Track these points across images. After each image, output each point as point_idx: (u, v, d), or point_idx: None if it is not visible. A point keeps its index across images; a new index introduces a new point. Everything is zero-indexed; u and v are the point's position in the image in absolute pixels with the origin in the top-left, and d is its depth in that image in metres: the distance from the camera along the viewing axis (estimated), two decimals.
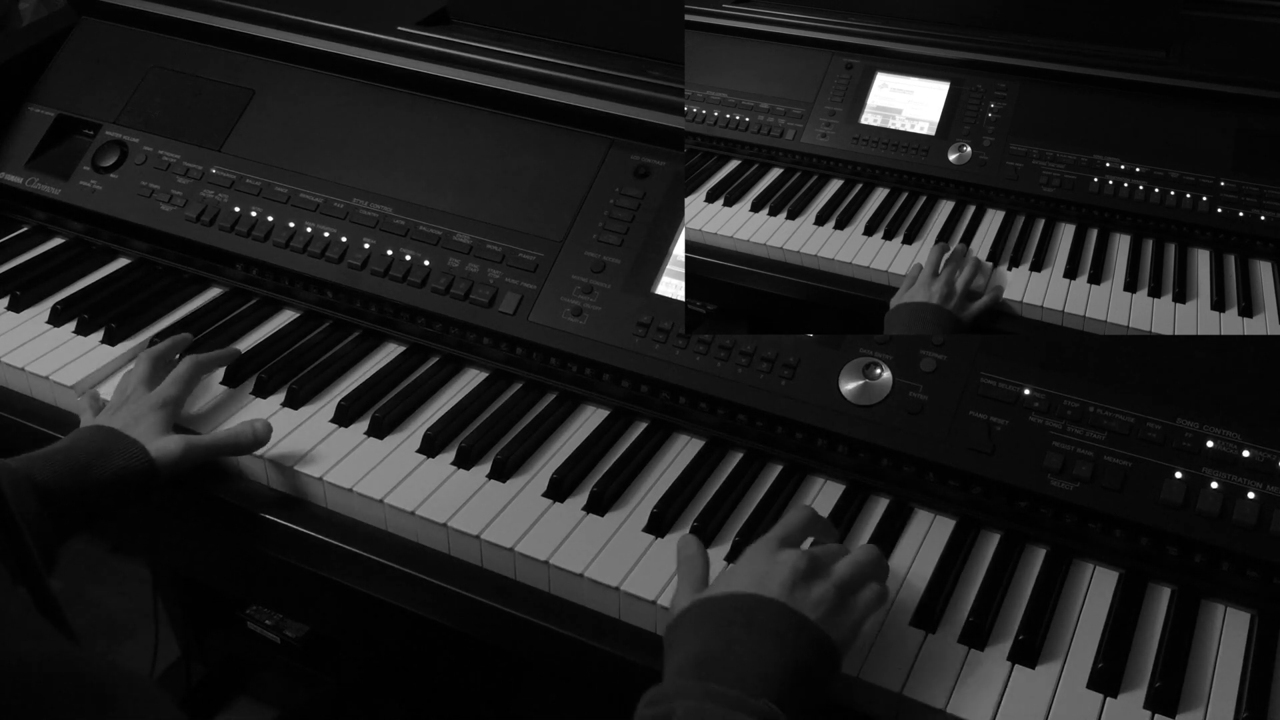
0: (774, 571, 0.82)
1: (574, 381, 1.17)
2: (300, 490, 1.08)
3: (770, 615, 0.79)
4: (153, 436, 1.04)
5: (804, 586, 0.81)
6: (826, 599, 0.81)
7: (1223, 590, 0.96)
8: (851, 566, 0.85)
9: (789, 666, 0.76)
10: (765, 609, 0.79)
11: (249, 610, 1.81)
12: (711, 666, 0.76)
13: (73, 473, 0.97)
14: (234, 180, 1.35)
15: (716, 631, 0.79)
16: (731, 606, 0.80)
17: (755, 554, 0.86)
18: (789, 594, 0.80)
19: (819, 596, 0.81)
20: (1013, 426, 1.01)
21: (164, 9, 1.48)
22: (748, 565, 0.85)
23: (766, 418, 1.08)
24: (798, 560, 0.83)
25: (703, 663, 0.76)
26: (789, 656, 0.77)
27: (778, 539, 0.87)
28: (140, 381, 1.11)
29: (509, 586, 1.00)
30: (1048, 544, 1.01)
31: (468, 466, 1.08)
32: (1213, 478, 0.96)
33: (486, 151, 1.29)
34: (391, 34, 1.39)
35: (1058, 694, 0.88)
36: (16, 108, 1.47)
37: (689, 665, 0.77)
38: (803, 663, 0.77)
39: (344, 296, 1.27)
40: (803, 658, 0.77)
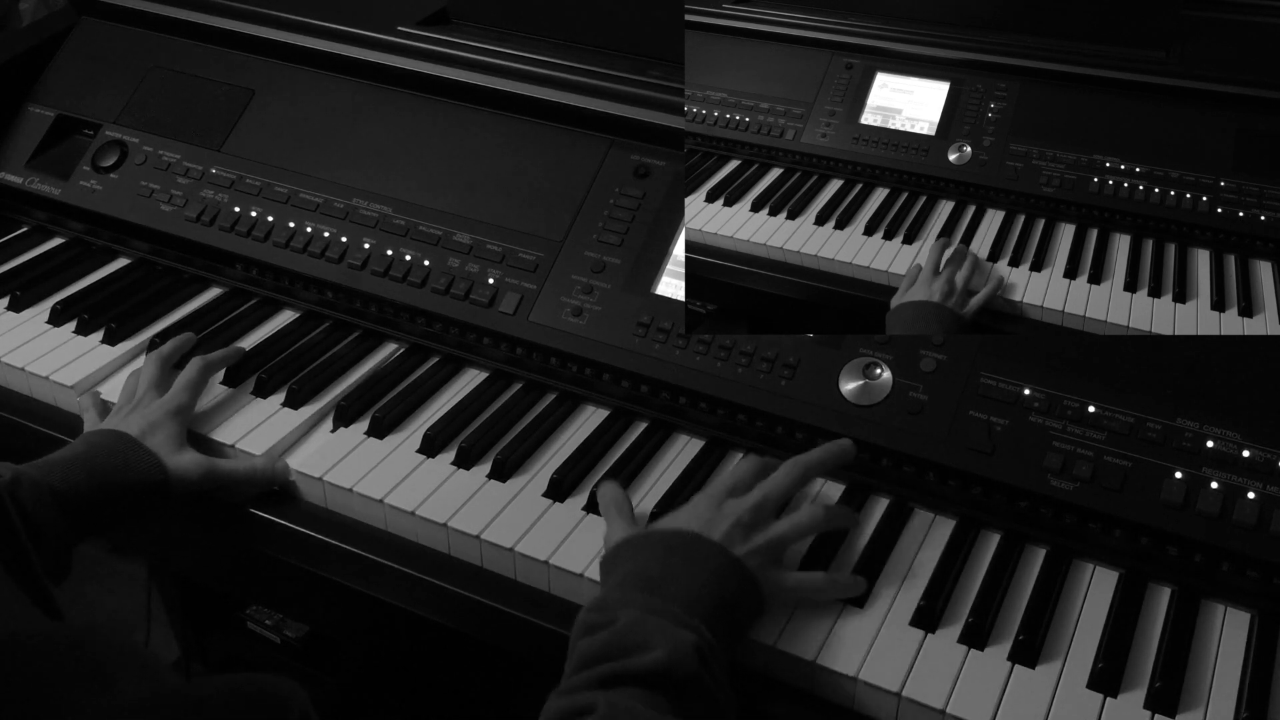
0: (718, 520, 0.91)
1: (574, 381, 1.17)
2: (300, 490, 1.08)
3: (708, 553, 0.87)
4: (170, 450, 1.03)
5: (743, 537, 0.90)
6: (761, 550, 0.90)
7: (1223, 590, 0.96)
8: (790, 527, 0.93)
9: (719, 598, 0.84)
10: (704, 546, 0.88)
11: (249, 610, 1.80)
12: (653, 585, 0.84)
13: (92, 483, 0.97)
14: (234, 180, 1.35)
15: (658, 557, 0.87)
16: (676, 540, 0.89)
17: (704, 500, 0.94)
18: (726, 538, 0.89)
19: (755, 547, 0.90)
20: (1013, 426, 1.01)
21: (164, 9, 1.48)
22: (694, 510, 0.93)
23: (766, 418, 1.08)
24: (742, 514, 0.91)
25: (646, 581, 0.84)
26: (720, 590, 0.85)
27: (726, 489, 0.94)
28: (151, 385, 1.11)
29: (509, 586, 1.00)
30: (1048, 544, 1.01)
31: (468, 466, 1.08)
32: (1213, 478, 0.96)
33: (486, 151, 1.29)
34: (391, 34, 1.39)
35: (1058, 694, 0.88)
36: (16, 108, 1.47)
37: (632, 581, 0.85)
38: (731, 597, 0.85)
39: (344, 296, 1.27)
40: (731, 593, 0.85)
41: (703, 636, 0.80)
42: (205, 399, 1.15)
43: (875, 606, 0.94)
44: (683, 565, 0.86)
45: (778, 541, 0.91)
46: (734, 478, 0.96)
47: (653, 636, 0.78)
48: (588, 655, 0.79)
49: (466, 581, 1.00)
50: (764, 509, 0.92)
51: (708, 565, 0.86)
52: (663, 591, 0.83)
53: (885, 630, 0.92)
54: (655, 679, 0.75)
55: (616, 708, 0.72)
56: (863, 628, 0.92)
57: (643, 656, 0.76)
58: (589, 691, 0.75)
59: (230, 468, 1.06)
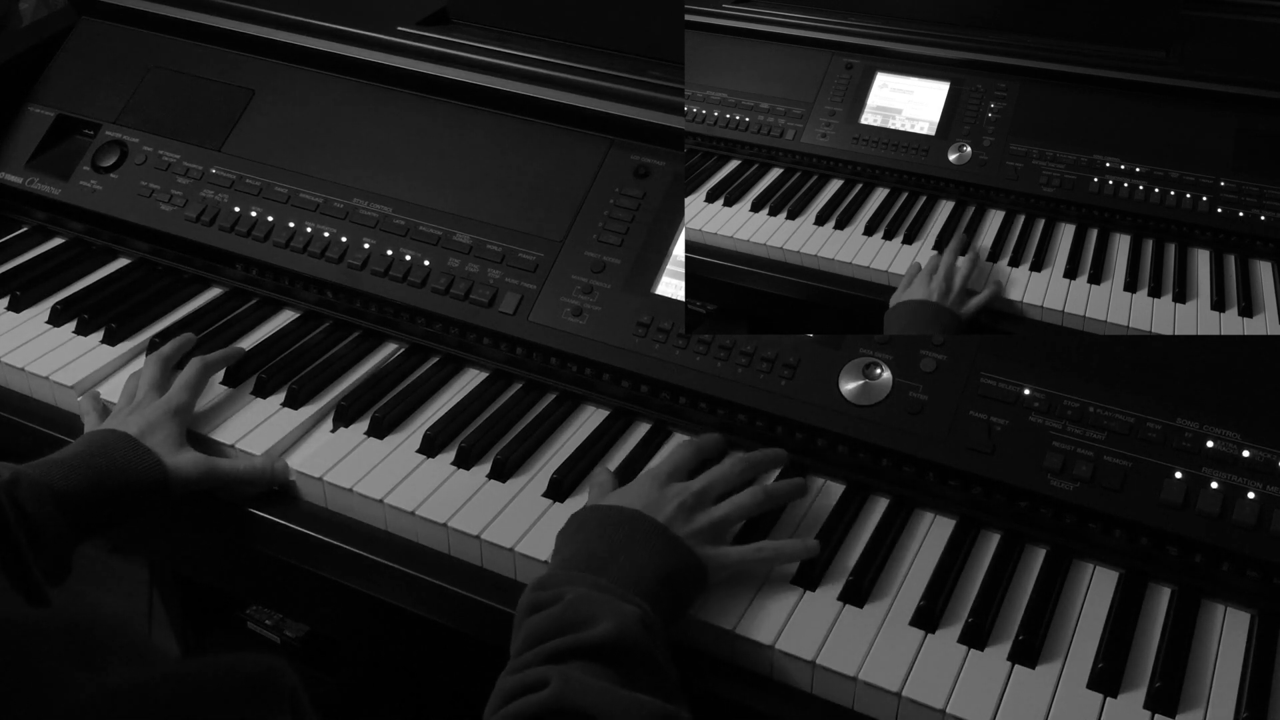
0: (662, 501, 0.94)
1: (574, 381, 1.17)
2: (300, 490, 1.08)
3: (650, 532, 0.90)
4: (170, 450, 1.04)
5: (685, 517, 0.94)
6: (704, 531, 0.94)
7: (1223, 590, 0.96)
8: (732, 508, 0.97)
9: (660, 575, 0.87)
10: (646, 525, 0.91)
11: (249, 610, 1.80)
12: (596, 564, 0.87)
13: (91, 483, 0.97)
14: (234, 180, 1.35)
15: (603, 535, 0.90)
16: (621, 518, 0.92)
17: (649, 480, 0.98)
18: (670, 520, 0.93)
19: (697, 527, 0.93)
20: (1013, 426, 1.01)
21: (164, 9, 1.48)
22: (639, 489, 0.96)
23: (766, 418, 1.08)
24: (685, 497, 0.95)
25: (590, 560, 0.88)
26: (661, 567, 0.88)
27: (667, 472, 0.98)
28: (151, 386, 1.11)
29: (509, 586, 0.99)
30: (1048, 544, 1.01)
31: (468, 466, 1.08)
32: (1213, 478, 0.96)
33: (486, 151, 1.29)
34: (391, 34, 1.39)
35: (1058, 694, 0.88)
36: (16, 108, 1.47)
37: (578, 560, 0.88)
38: (671, 570, 0.88)
39: (344, 296, 1.27)
40: (673, 570, 0.89)
41: (645, 611, 0.82)
42: (205, 399, 1.15)
43: (875, 606, 0.94)
44: (626, 543, 0.89)
45: (720, 521, 0.95)
46: (674, 461, 1.00)
47: (599, 611, 0.80)
48: (535, 632, 0.81)
49: (466, 581, 1.00)
50: (707, 495, 0.97)
51: (650, 544, 0.89)
52: (608, 571, 0.86)
53: (885, 630, 0.92)
54: (604, 651, 0.78)
55: (569, 680, 0.74)
56: (862, 627, 0.92)
57: (591, 630, 0.79)
58: (540, 667, 0.77)
59: (230, 467, 1.06)
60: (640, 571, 0.87)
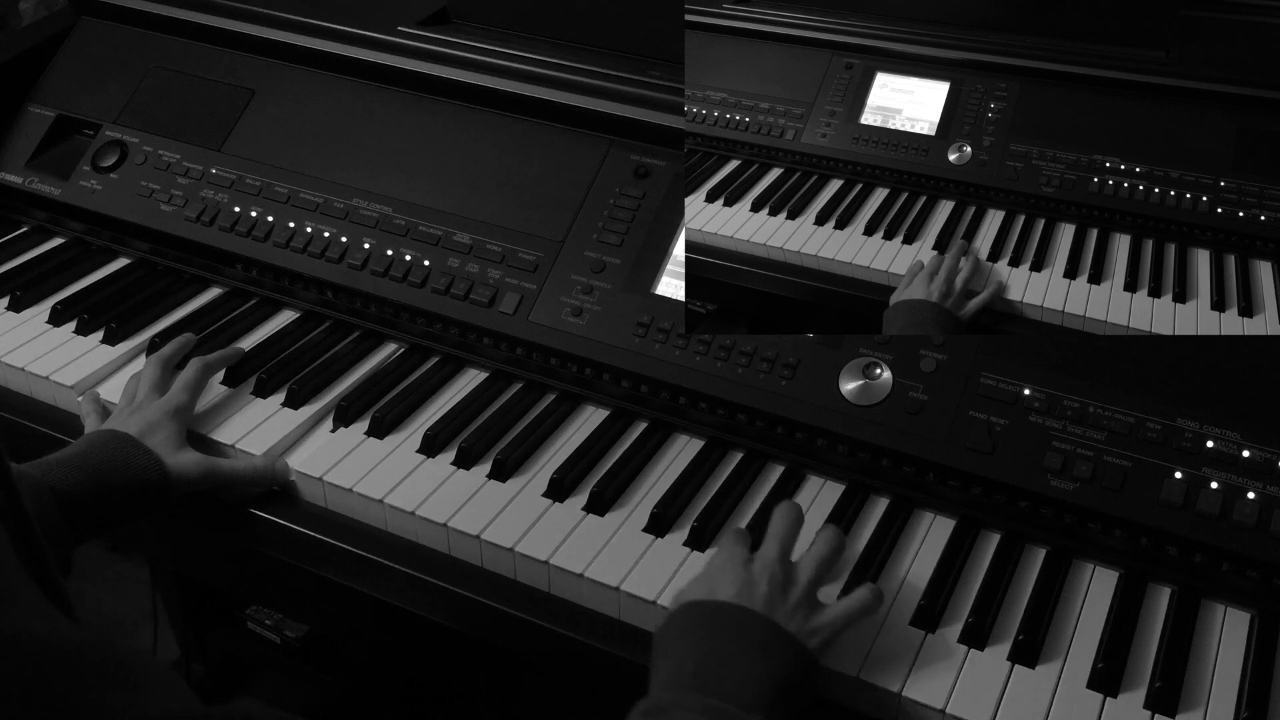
0: (753, 582, 0.86)
1: (574, 381, 1.17)
2: (300, 490, 1.08)
3: (758, 629, 0.83)
4: (170, 450, 1.04)
5: (782, 597, 0.86)
6: (802, 606, 0.86)
7: (1223, 590, 0.96)
8: (816, 565, 0.89)
9: (776, 680, 0.80)
10: (753, 622, 0.83)
11: (249, 610, 1.81)
12: (705, 679, 0.79)
13: (91, 482, 0.97)
14: (234, 180, 1.35)
15: (707, 640, 0.82)
16: (723, 617, 0.84)
17: (732, 559, 0.89)
18: (771, 607, 0.85)
19: (794, 604, 0.86)
20: (1013, 426, 1.01)
21: (164, 9, 1.48)
22: (727, 572, 0.87)
23: (766, 418, 1.08)
24: (774, 570, 0.87)
25: (699, 674, 0.79)
26: (775, 671, 0.80)
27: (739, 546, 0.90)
28: (151, 386, 1.11)
29: (509, 586, 1.00)
30: (1048, 544, 1.01)
31: (468, 466, 1.08)
32: (1213, 478, 0.96)
33: (486, 151, 1.29)
34: (392, 34, 1.39)
35: (1058, 694, 0.88)
36: (16, 108, 1.47)
37: (684, 675, 0.80)
38: (787, 676, 0.81)
39: (344, 296, 1.27)
40: (787, 671, 0.81)
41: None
42: (205, 399, 1.15)
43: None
44: (734, 647, 0.81)
45: (810, 586, 0.88)
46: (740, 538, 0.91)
47: None
48: None
49: (466, 581, 1.00)
50: (786, 559, 0.89)
51: (761, 648, 0.81)
52: (718, 688, 0.78)
53: (885, 630, 0.92)
54: None
55: None
56: (862, 628, 0.92)
57: None
58: None
59: (230, 468, 1.06)
60: (758, 685, 0.79)
